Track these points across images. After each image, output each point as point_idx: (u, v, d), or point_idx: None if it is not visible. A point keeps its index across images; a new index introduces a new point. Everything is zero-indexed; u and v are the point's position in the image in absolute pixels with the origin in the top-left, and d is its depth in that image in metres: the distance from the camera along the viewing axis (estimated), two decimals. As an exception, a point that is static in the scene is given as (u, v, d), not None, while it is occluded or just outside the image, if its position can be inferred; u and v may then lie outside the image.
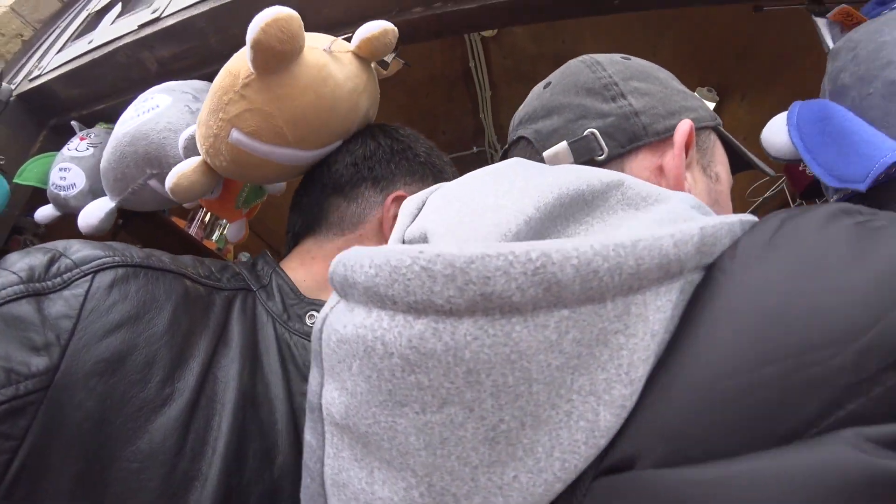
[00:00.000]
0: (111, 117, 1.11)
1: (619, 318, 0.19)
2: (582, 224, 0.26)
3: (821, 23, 0.63)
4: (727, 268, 0.21)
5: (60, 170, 1.01)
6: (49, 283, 0.35)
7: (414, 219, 0.30)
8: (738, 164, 0.48)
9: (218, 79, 0.54)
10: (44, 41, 1.36)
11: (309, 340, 0.45)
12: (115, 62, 0.98)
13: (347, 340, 0.22)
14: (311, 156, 0.57)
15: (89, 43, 1.03)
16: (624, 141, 0.38)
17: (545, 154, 0.41)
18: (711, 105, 1.78)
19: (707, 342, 0.19)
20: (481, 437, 0.19)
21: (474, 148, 2.16)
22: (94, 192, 0.99)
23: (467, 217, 0.26)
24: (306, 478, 0.28)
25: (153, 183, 0.69)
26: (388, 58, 0.72)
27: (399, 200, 0.54)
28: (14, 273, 0.34)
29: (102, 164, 0.73)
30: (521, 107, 0.48)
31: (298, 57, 0.51)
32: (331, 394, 0.24)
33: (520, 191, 0.26)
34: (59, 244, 0.38)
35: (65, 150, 1.04)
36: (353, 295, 0.22)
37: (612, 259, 0.19)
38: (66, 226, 1.01)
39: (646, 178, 0.37)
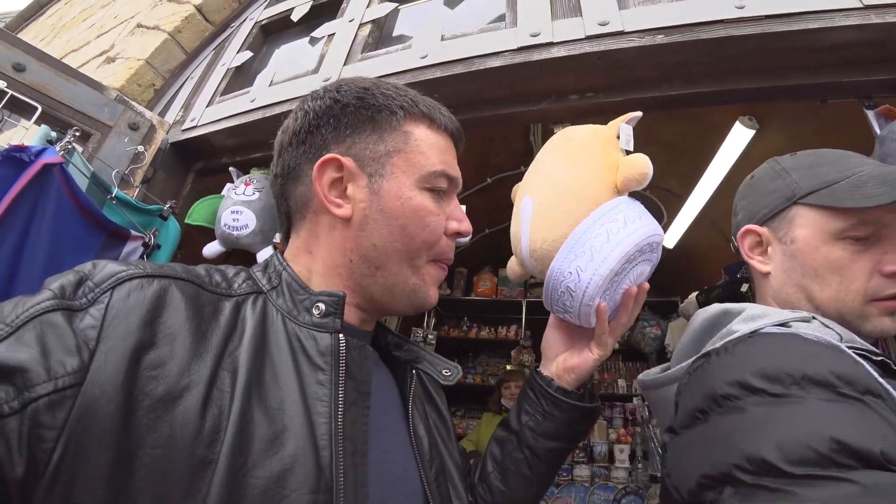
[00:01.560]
0: (264, 163, 1.33)
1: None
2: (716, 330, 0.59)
3: (870, 114, 0.89)
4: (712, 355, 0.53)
5: (233, 212, 1.22)
6: (77, 302, 0.39)
7: None
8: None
9: None
10: (176, 91, 1.57)
11: (317, 330, 0.48)
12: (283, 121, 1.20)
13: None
14: None
15: (252, 101, 1.25)
16: (731, 235, 0.72)
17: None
18: (751, 132, 2.08)
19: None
20: None
21: (521, 167, 2.42)
22: (262, 231, 1.21)
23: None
24: None
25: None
26: (557, 128, 0.98)
27: (328, 164, 0.53)
28: (49, 289, 0.39)
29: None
30: None
31: None
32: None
33: None
34: (87, 266, 0.42)
35: (231, 193, 1.25)
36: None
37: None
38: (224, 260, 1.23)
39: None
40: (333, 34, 1.28)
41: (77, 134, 1.06)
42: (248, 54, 1.46)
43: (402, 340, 0.64)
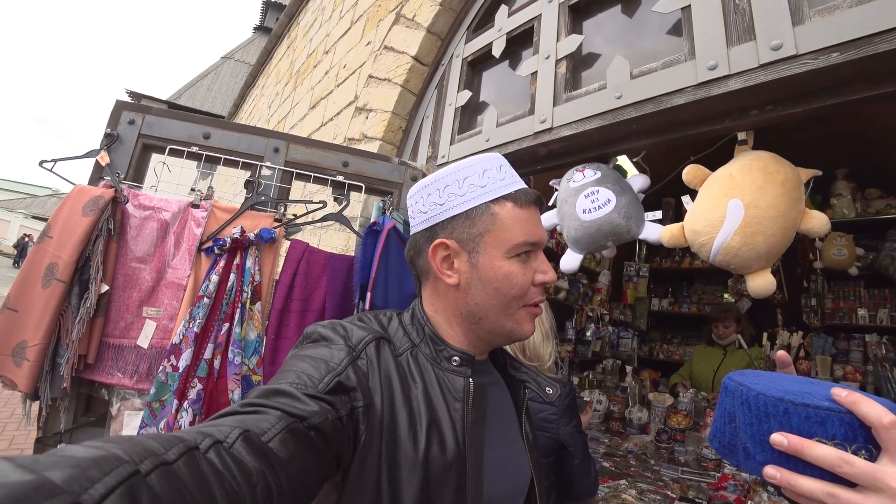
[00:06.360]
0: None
1: None
2: None
3: None
4: None
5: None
6: (354, 353, 0.70)
7: None
8: None
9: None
10: (418, 130, 2.30)
11: (455, 375, 0.76)
12: (514, 154, 1.77)
13: None
14: None
15: (486, 141, 1.86)
16: None
17: None
18: None
19: None
20: None
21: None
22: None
23: None
24: None
25: (610, 244, 1.48)
26: (742, 136, 1.33)
27: (438, 247, 0.79)
28: (346, 346, 0.70)
29: (574, 234, 1.51)
30: None
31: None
32: None
33: None
34: (341, 332, 0.73)
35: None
36: None
37: None
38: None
39: None
40: (535, 72, 1.76)
41: (390, 199, 1.86)
42: (467, 94, 2.06)
43: (518, 364, 0.93)
